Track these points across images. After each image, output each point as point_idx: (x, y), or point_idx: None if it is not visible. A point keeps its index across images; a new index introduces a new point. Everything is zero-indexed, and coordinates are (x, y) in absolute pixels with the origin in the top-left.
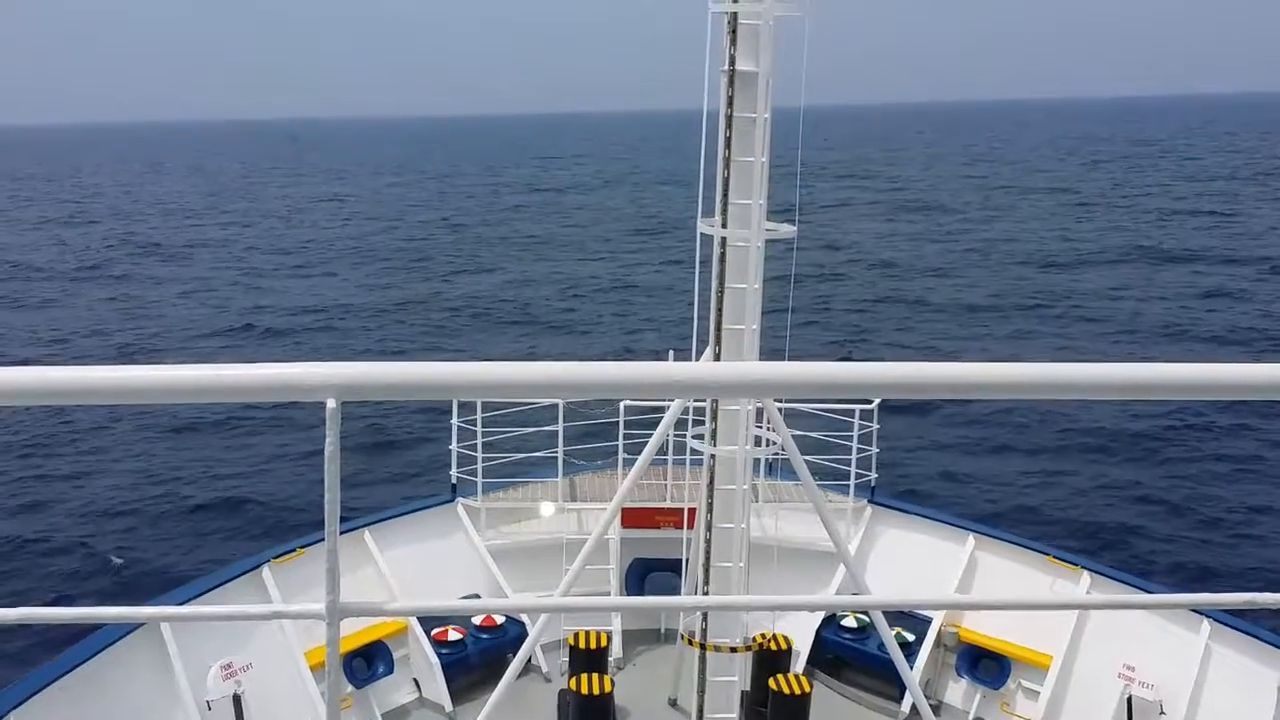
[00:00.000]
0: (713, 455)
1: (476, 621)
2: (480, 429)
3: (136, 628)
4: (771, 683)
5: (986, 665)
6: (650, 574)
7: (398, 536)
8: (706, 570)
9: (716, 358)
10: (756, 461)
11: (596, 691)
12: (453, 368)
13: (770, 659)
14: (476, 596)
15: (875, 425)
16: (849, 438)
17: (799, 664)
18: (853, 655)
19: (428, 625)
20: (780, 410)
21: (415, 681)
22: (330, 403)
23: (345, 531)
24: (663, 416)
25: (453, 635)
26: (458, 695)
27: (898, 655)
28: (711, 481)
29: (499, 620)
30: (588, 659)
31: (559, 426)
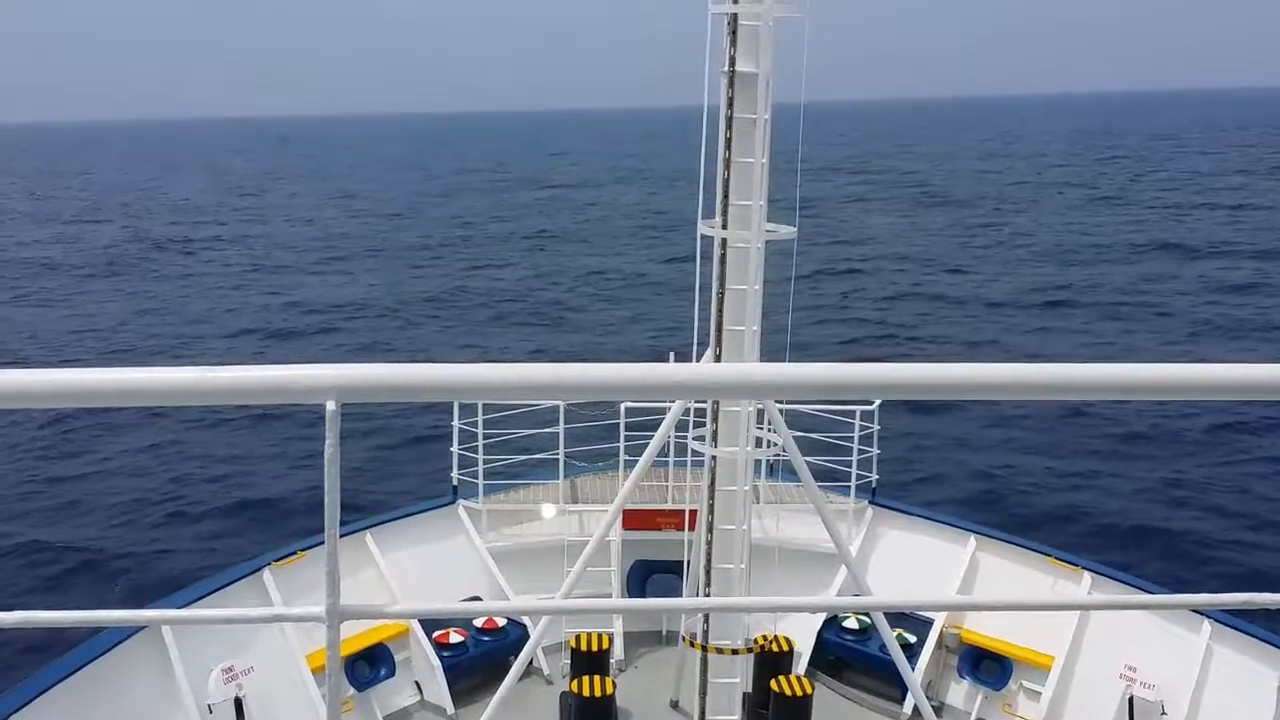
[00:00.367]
0: (714, 457)
1: (478, 624)
2: (481, 431)
3: (137, 631)
4: (773, 684)
5: (988, 666)
6: (651, 576)
7: (399, 539)
8: (708, 572)
9: (717, 359)
10: (757, 463)
11: (598, 694)
12: (453, 369)
13: (772, 661)
14: (478, 599)
15: (876, 426)
16: (850, 439)
17: (800, 665)
18: (854, 657)
19: (429, 628)
20: (781, 411)
21: (417, 684)
22: (330, 405)
23: (346, 534)
24: (664, 418)
25: (454, 638)
26: (459, 698)
27: (899, 656)
28: (712, 483)
29: (500, 622)
30: (589, 661)
31: (560, 428)
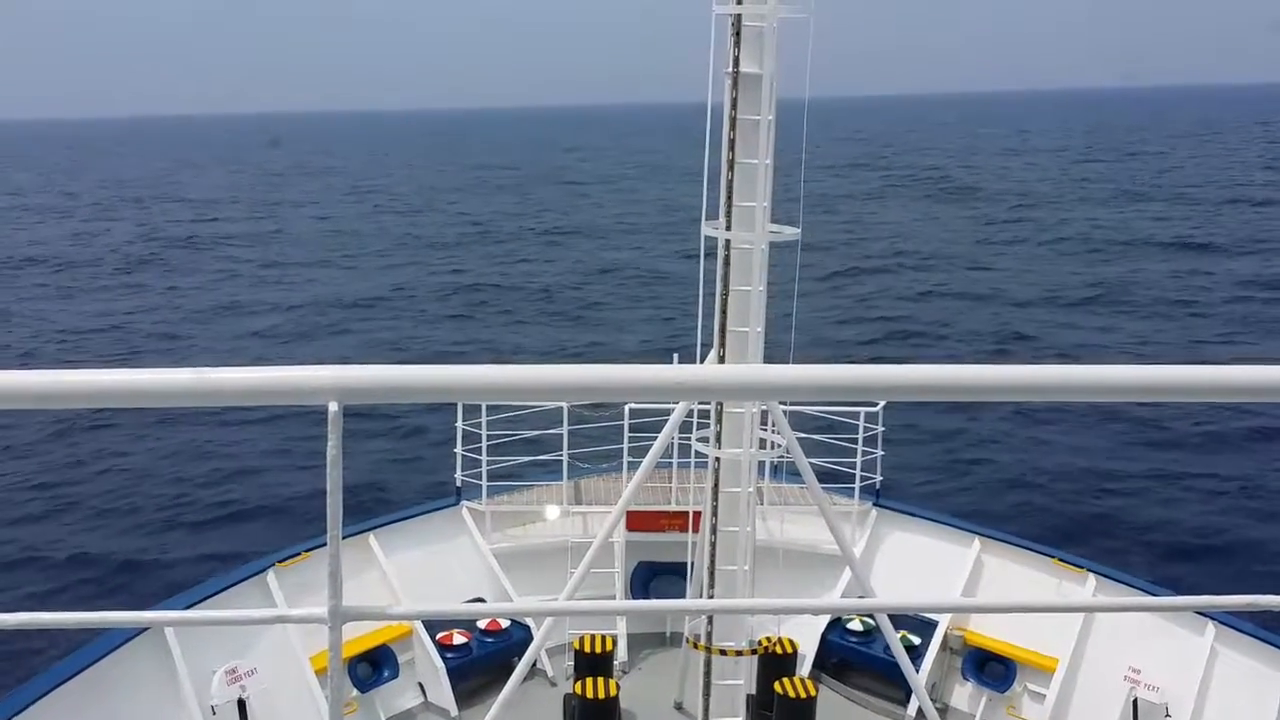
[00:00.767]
0: (717, 458)
1: (481, 625)
2: (485, 432)
3: (140, 632)
4: (777, 686)
5: (992, 668)
6: (655, 577)
7: (402, 540)
8: (711, 573)
9: (721, 360)
10: (761, 464)
11: (602, 695)
12: (456, 370)
13: (775, 662)
14: (481, 600)
15: (880, 427)
16: (854, 440)
17: (804, 667)
18: (858, 658)
19: (432, 629)
20: (785, 412)
21: (420, 686)
22: (332, 406)
23: (349, 535)
24: (667, 419)
25: (458, 639)
26: (463, 699)
27: (903, 658)
28: (716, 484)
29: (504, 624)
30: (593, 663)
31: (564, 429)
